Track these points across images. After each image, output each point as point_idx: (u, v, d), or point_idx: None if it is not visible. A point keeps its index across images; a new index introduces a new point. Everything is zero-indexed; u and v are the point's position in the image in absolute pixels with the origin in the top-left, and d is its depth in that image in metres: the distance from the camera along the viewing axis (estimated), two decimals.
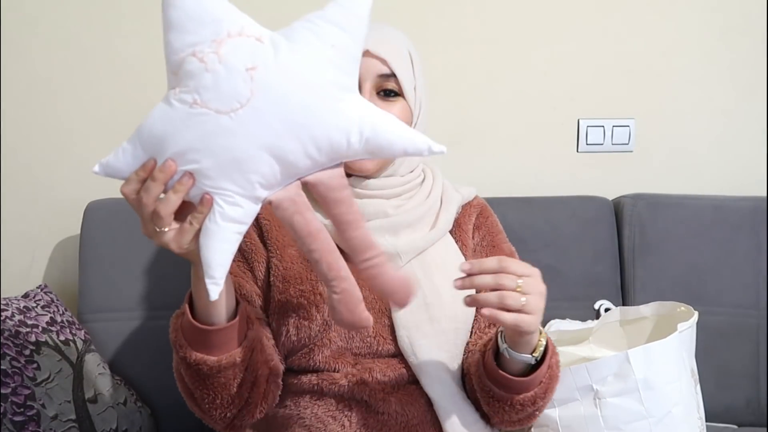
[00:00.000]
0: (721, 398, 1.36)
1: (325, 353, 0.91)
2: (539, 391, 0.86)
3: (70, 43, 1.45)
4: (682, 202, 1.43)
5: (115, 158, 0.72)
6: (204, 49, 0.66)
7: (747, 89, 1.55)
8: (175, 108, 0.68)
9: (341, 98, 0.68)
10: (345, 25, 0.68)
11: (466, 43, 1.51)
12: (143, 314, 1.34)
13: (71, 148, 1.47)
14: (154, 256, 1.35)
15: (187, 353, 0.80)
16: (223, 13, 0.67)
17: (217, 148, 0.66)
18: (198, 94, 0.66)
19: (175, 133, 0.67)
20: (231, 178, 0.67)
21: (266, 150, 0.67)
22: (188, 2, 0.67)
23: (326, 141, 0.67)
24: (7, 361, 1.07)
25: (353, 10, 0.68)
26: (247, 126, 0.66)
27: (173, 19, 0.67)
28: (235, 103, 0.65)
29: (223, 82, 0.65)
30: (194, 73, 0.66)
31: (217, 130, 0.66)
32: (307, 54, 0.67)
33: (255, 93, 0.65)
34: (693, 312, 1.11)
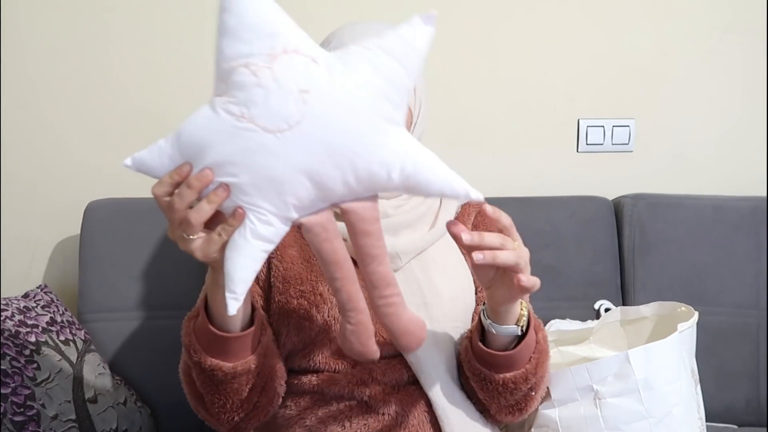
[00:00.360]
0: (721, 398, 1.36)
1: (325, 353, 0.91)
2: (530, 367, 0.86)
3: (70, 44, 1.45)
4: (682, 202, 1.43)
5: (149, 155, 0.69)
6: (258, 63, 0.65)
7: (747, 89, 1.55)
8: (221, 117, 0.66)
9: (388, 131, 0.67)
10: (402, 58, 0.67)
11: (466, 42, 1.51)
12: (143, 314, 1.34)
13: (71, 148, 1.47)
14: (154, 256, 1.35)
15: (202, 358, 0.80)
16: (281, 27, 0.66)
17: (258, 165, 0.65)
18: (246, 107, 0.65)
19: (216, 143, 0.66)
20: (266, 197, 0.67)
21: (306, 174, 0.66)
22: (248, 10, 0.65)
23: (366, 173, 0.67)
24: (7, 361, 1.07)
25: (413, 44, 0.67)
26: (292, 148, 0.65)
27: (229, 25, 0.65)
28: (284, 123, 0.64)
29: (274, 100, 0.64)
30: (245, 85, 0.65)
31: (260, 148, 0.65)
32: (361, 84, 0.66)
33: (305, 116, 0.64)
34: (693, 312, 1.11)
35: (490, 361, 0.86)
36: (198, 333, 0.81)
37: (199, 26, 1.45)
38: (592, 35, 1.53)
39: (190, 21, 1.46)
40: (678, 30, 1.53)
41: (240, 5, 0.65)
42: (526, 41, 1.52)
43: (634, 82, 1.54)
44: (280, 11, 0.66)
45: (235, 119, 0.65)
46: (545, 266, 1.38)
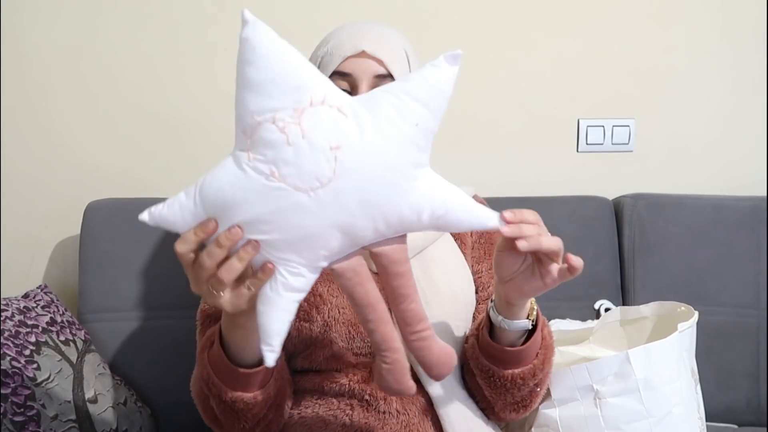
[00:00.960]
0: (721, 398, 1.36)
1: (326, 353, 0.92)
2: (537, 362, 0.87)
3: (70, 44, 1.45)
4: (682, 202, 1.43)
5: (169, 211, 0.68)
6: (285, 118, 0.63)
7: (747, 89, 1.55)
8: (249, 176, 0.64)
9: (416, 176, 0.67)
10: (428, 101, 0.67)
11: (466, 42, 1.51)
12: (143, 314, 1.34)
13: (71, 148, 1.47)
14: (154, 256, 1.35)
15: (222, 391, 0.80)
16: (306, 78, 0.65)
17: (290, 224, 0.64)
18: (276, 166, 0.63)
19: (246, 202, 0.64)
20: (298, 251, 0.66)
21: (338, 228, 0.66)
22: (272, 63, 0.64)
23: (397, 218, 0.67)
24: (7, 361, 1.07)
25: (438, 87, 0.67)
26: (324, 206, 0.64)
27: (252, 79, 0.64)
28: (316, 182, 0.63)
29: (305, 159, 0.63)
30: (273, 143, 0.63)
31: (292, 207, 0.64)
32: (391, 135, 0.65)
33: (337, 173, 0.63)
34: (693, 312, 1.11)
35: (499, 356, 0.86)
36: (216, 367, 0.81)
37: (199, 26, 1.46)
38: (593, 35, 1.53)
39: (190, 21, 1.46)
40: (678, 30, 1.53)
41: (263, 58, 0.64)
42: (526, 41, 1.52)
43: (634, 82, 1.54)
44: (303, 60, 0.65)
45: (265, 178, 0.63)
46: None
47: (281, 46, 0.64)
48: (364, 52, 0.89)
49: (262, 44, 0.64)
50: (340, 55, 0.90)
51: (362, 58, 0.89)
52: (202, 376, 0.83)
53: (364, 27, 0.93)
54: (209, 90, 1.48)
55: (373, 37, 0.91)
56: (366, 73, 0.90)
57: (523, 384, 0.88)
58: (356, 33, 0.91)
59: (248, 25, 0.65)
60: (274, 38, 0.65)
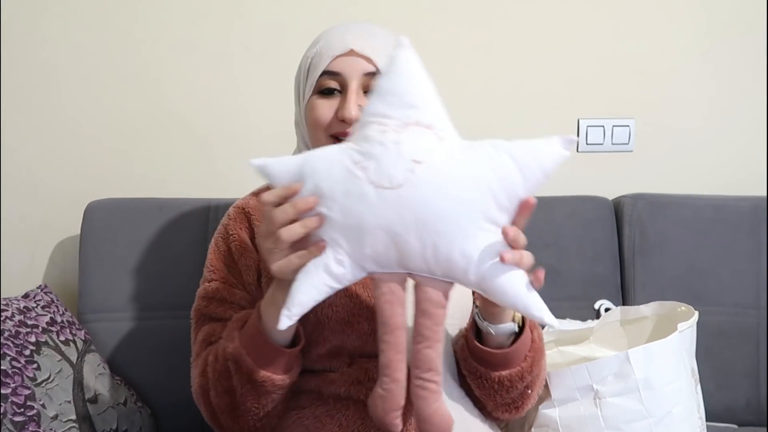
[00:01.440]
0: (721, 398, 1.36)
1: (319, 352, 0.92)
2: (525, 365, 0.87)
3: (71, 43, 1.45)
4: (682, 202, 1.43)
5: (276, 164, 0.75)
6: (390, 125, 0.72)
7: (747, 89, 1.55)
8: (342, 156, 0.72)
9: (483, 228, 0.70)
10: (524, 167, 0.70)
11: (466, 42, 1.51)
12: (143, 314, 1.34)
13: (71, 147, 1.47)
14: (154, 256, 1.35)
15: (253, 369, 0.82)
16: (423, 101, 0.73)
17: (351, 209, 0.71)
18: (364, 157, 0.71)
19: (329, 177, 0.72)
20: (348, 239, 0.72)
21: (388, 233, 0.70)
22: (401, 79, 0.73)
23: (446, 257, 0.70)
24: (7, 361, 1.07)
25: (540, 160, 0.71)
26: (385, 205, 0.70)
27: (382, 87, 0.74)
28: (387, 181, 0.70)
29: (388, 159, 0.70)
30: (371, 139, 0.72)
31: (359, 195, 0.70)
32: (473, 175, 0.70)
33: (407, 182, 0.69)
34: (693, 312, 1.11)
35: (487, 359, 0.86)
36: (247, 345, 0.83)
37: (199, 27, 1.46)
38: (593, 35, 1.53)
39: (190, 22, 1.46)
40: (678, 30, 1.53)
41: (397, 74, 0.73)
42: (526, 41, 1.52)
43: (634, 82, 1.54)
44: (430, 89, 0.74)
45: (352, 163, 0.71)
46: (545, 266, 1.36)
47: (417, 72, 0.74)
48: (352, 50, 0.90)
49: (403, 64, 0.74)
50: (329, 54, 0.90)
51: (351, 56, 0.90)
52: (233, 356, 0.84)
53: (353, 26, 0.94)
54: (210, 90, 1.48)
55: (361, 36, 0.91)
56: (355, 72, 0.90)
57: (512, 386, 0.88)
58: (344, 32, 0.92)
59: (401, 47, 0.75)
60: (415, 63, 0.74)
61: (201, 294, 0.98)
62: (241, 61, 1.46)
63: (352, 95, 0.89)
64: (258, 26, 1.46)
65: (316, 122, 0.92)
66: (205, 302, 0.96)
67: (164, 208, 1.37)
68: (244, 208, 1.01)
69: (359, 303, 0.92)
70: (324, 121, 0.91)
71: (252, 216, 0.99)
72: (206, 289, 0.97)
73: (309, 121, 0.93)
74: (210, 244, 1.02)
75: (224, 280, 0.97)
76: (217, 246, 1.00)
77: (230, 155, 1.49)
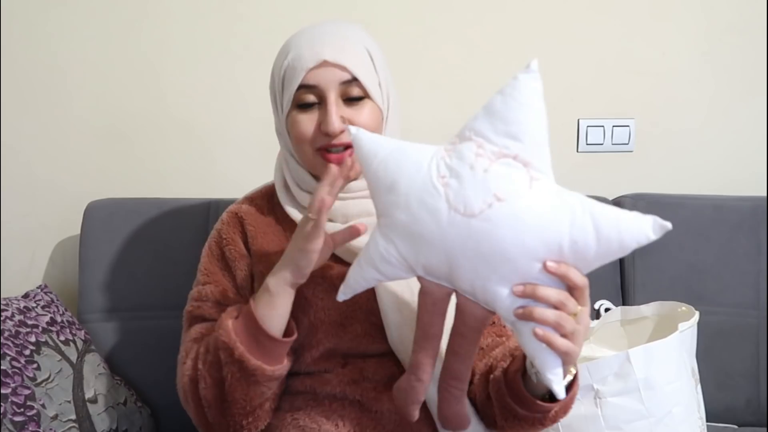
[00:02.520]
0: (721, 398, 1.36)
1: (313, 355, 0.92)
2: (560, 409, 0.83)
3: (71, 44, 1.45)
4: (682, 202, 1.43)
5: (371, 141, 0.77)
6: (487, 150, 0.70)
7: (747, 89, 1.55)
8: (430, 165, 0.72)
9: (539, 279, 0.69)
10: (603, 239, 0.68)
11: (466, 42, 1.51)
12: (143, 314, 1.34)
13: (71, 148, 1.47)
14: (154, 256, 1.35)
15: (245, 358, 0.83)
16: (532, 136, 0.70)
17: (419, 218, 0.71)
18: (449, 174, 0.71)
19: (410, 178, 0.72)
20: (406, 242, 0.73)
21: (446, 254, 0.71)
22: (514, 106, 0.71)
23: (493, 292, 0.70)
24: (7, 361, 1.07)
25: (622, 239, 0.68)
26: (452, 228, 0.69)
27: (493, 106, 0.73)
28: (462, 207, 0.69)
29: (470, 185, 0.69)
30: (464, 157, 0.71)
31: (431, 209, 0.70)
32: (550, 226, 0.68)
33: (482, 215, 0.68)
34: (694, 312, 1.11)
35: (528, 404, 0.81)
36: (240, 333, 0.83)
37: (201, 27, 1.46)
38: (592, 35, 1.53)
39: (190, 22, 1.46)
40: (678, 30, 1.53)
41: (514, 100, 0.71)
42: (525, 41, 1.52)
43: (634, 82, 1.54)
44: (543, 122, 0.70)
45: (437, 175, 0.71)
46: None
47: (535, 104, 0.71)
48: (325, 61, 0.88)
49: (523, 92, 0.71)
50: (302, 67, 0.88)
51: (325, 67, 0.88)
52: (225, 345, 0.84)
53: (322, 33, 0.91)
54: (210, 90, 1.48)
55: (332, 43, 0.89)
56: (331, 83, 0.88)
57: (541, 426, 0.85)
58: (315, 42, 0.89)
59: (527, 72, 0.74)
60: (536, 94, 0.71)
61: (194, 296, 0.98)
62: (241, 61, 1.46)
63: (332, 108, 0.88)
64: (258, 27, 1.46)
65: (300, 138, 0.91)
66: (198, 303, 0.97)
67: (164, 208, 1.37)
68: (237, 212, 1.00)
69: (353, 305, 0.91)
70: (307, 136, 0.90)
71: (245, 221, 0.99)
72: (199, 292, 0.97)
73: (293, 135, 0.92)
74: (203, 248, 1.02)
75: (218, 283, 0.97)
76: (210, 250, 1.01)
77: (230, 155, 1.49)
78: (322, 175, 0.84)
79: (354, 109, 0.90)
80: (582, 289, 0.72)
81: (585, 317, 0.73)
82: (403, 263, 0.74)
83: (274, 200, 1.00)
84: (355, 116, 0.89)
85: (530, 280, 0.69)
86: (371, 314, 0.92)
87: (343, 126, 0.88)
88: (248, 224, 0.98)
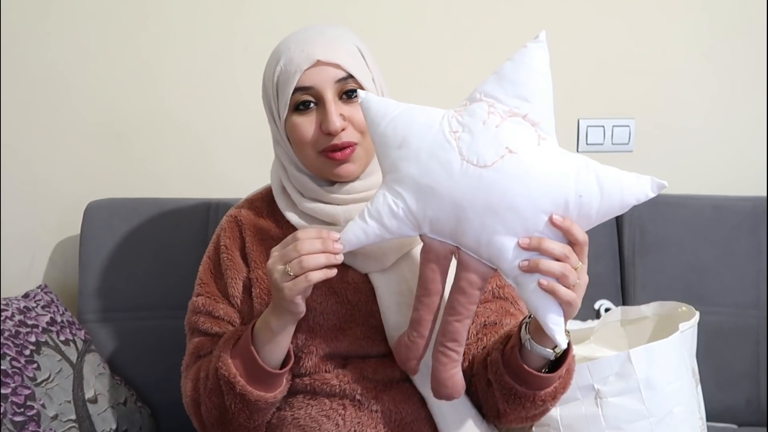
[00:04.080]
0: (721, 398, 1.36)
1: (313, 360, 0.92)
2: (559, 385, 0.85)
3: (71, 44, 1.44)
4: (682, 202, 1.43)
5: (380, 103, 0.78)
6: (498, 110, 0.73)
7: (747, 89, 1.55)
8: (443, 120, 0.75)
9: (542, 232, 0.71)
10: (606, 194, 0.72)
11: (466, 42, 1.51)
12: (143, 314, 1.34)
13: (71, 147, 1.47)
14: (154, 256, 1.35)
15: (248, 391, 0.85)
16: (540, 99, 0.74)
17: (430, 170, 0.73)
18: (462, 129, 0.73)
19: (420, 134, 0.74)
20: (414, 195, 0.74)
21: (455, 206, 0.72)
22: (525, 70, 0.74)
23: (498, 245, 0.72)
24: (7, 361, 1.07)
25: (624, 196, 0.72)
26: (463, 179, 0.72)
27: (504, 71, 0.75)
28: (474, 158, 0.72)
29: (483, 139, 0.72)
30: (475, 114, 0.73)
31: (443, 160, 0.72)
32: (557, 180, 0.71)
33: (494, 166, 0.71)
34: (694, 312, 1.11)
35: (526, 378, 0.83)
36: (239, 367, 0.86)
37: (199, 27, 1.45)
38: (593, 35, 1.53)
39: (190, 22, 1.45)
40: (678, 30, 1.53)
41: (523, 64, 0.74)
42: (525, 41, 1.52)
43: (634, 82, 1.54)
44: (549, 88, 0.75)
45: (449, 130, 0.74)
46: None
47: (542, 69, 0.74)
48: (318, 61, 0.87)
49: (532, 57, 0.74)
50: (295, 70, 0.88)
51: (318, 67, 0.88)
52: (222, 377, 0.86)
53: (311, 34, 0.91)
54: (209, 91, 1.48)
55: (323, 43, 0.89)
56: (327, 82, 0.88)
57: (542, 404, 0.86)
58: (304, 44, 0.89)
59: (537, 41, 0.75)
60: (543, 61, 0.75)
61: (191, 307, 1.00)
62: (241, 61, 1.46)
63: (331, 107, 0.87)
64: (258, 27, 1.46)
65: (301, 141, 0.90)
66: (194, 316, 0.98)
67: (164, 208, 1.37)
68: (237, 217, 1.01)
69: (351, 308, 0.92)
70: (309, 138, 0.90)
71: (244, 225, 0.99)
72: (194, 303, 0.99)
73: (294, 140, 0.92)
74: (204, 255, 1.03)
75: (209, 294, 0.98)
76: (208, 257, 1.02)
77: (230, 155, 1.49)
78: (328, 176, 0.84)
79: (352, 106, 0.90)
80: (582, 246, 0.74)
81: (584, 274, 0.76)
82: (411, 217, 0.75)
83: (274, 203, 1.00)
84: (353, 113, 0.89)
85: (535, 233, 0.71)
86: (371, 316, 0.92)
87: (345, 123, 0.88)
88: (247, 229, 0.98)
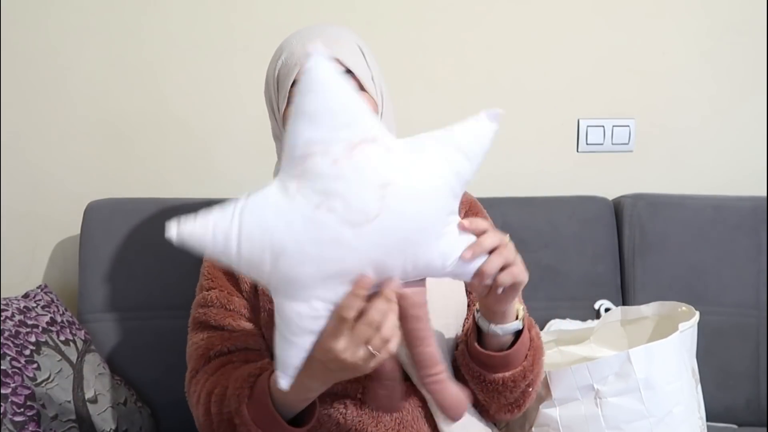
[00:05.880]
0: (721, 398, 1.36)
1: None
2: (527, 364, 0.87)
3: (71, 43, 1.44)
4: (682, 202, 1.43)
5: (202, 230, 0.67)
6: (337, 151, 0.64)
7: (747, 89, 1.56)
8: (296, 203, 0.64)
9: (448, 222, 0.69)
10: (468, 152, 0.68)
11: (466, 42, 1.51)
12: (143, 314, 1.34)
13: (71, 147, 1.47)
14: (154, 256, 1.35)
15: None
16: (360, 115, 0.66)
17: (325, 257, 0.64)
18: (326, 197, 0.64)
19: (289, 228, 0.64)
20: (327, 287, 0.66)
21: (372, 265, 0.66)
22: (330, 95, 0.65)
23: (425, 262, 0.68)
24: (7, 361, 1.07)
25: (479, 140, 0.68)
26: (366, 243, 0.64)
27: (309, 108, 0.65)
28: (363, 217, 0.64)
29: (355, 194, 0.63)
30: (324, 174, 0.64)
31: (332, 240, 0.64)
32: (434, 179, 0.67)
33: (383, 212, 0.64)
34: (694, 312, 1.11)
35: (488, 362, 0.86)
36: (257, 419, 0.80)
37: (199, 27, 1.46)
38: (592, 35, 1.53)
39: (190, 22, 1.46)
40: (678, 30, 1.53)
41: (323, 90, 0.64)
42: (526, 41, 1.52)
43: (634, 82, 1.54)
44: (358, 98, 0.66)
45: (314, 207, 0.64)
46: (545, 266, 1.38)
47: (340, 82, 0.65)
48: None
49: (323, 78, 0.65)
50: (295, 63, 0.88)
51: None
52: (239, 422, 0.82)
53: (314, 30, 0.92)
54: (210, 90, 1.48)
55: (324, 40, 0.88)
56: None
57: (515, 386, 0.88)
58: (306, 39, 0.90)
59: (312, 58, 0.65)
60: (334, 73, 0.65)
61: (199, 302, 0.98)
62: (241, 61, 1.46)
63: None
64: (258, 26, 1.46)
65: None
66: (204, 310, 0.96)
67: (164, 208, 1.37)
68: None
69: None
70: None
71: None
72: (204, 297, 0.97)
73: None
74: None
75: (222, 287, 0.97)
76: None
77: (230, 155, 1.49)
78: None
79: None
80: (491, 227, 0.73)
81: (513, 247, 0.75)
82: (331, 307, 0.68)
83: None
84: None
85: (449, 230, 0.69)
86: None
87: None
88: None
